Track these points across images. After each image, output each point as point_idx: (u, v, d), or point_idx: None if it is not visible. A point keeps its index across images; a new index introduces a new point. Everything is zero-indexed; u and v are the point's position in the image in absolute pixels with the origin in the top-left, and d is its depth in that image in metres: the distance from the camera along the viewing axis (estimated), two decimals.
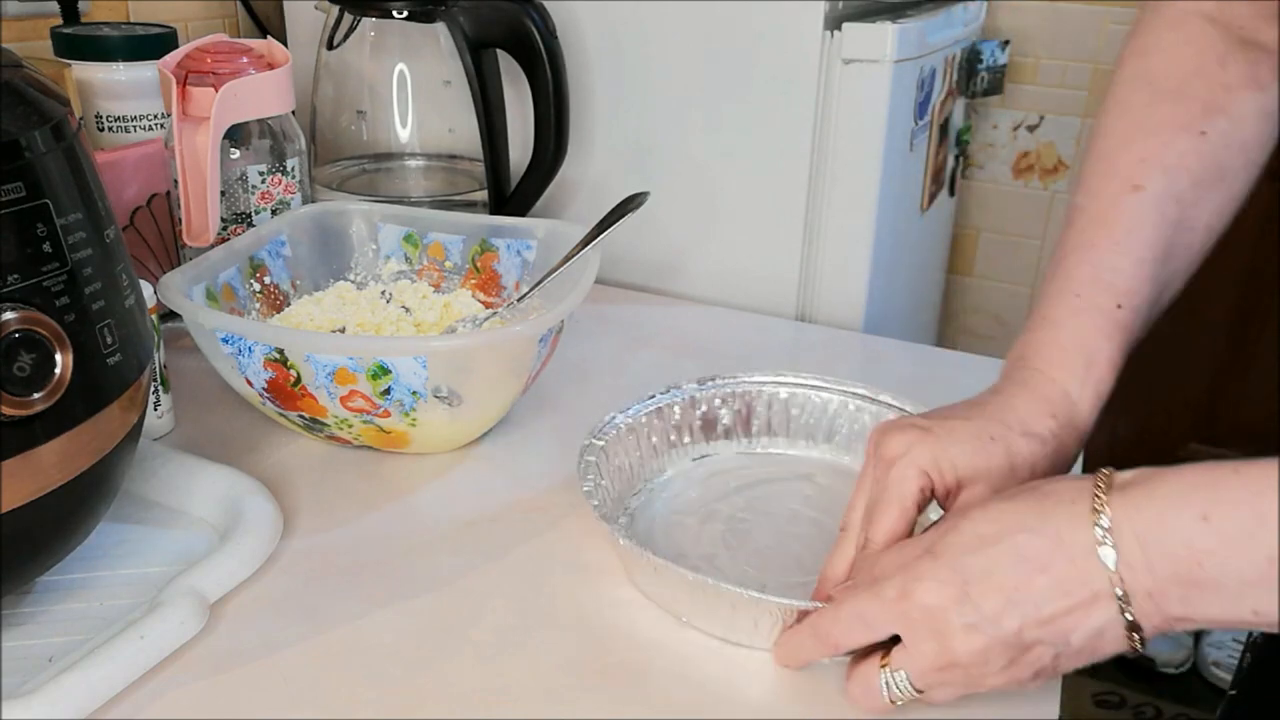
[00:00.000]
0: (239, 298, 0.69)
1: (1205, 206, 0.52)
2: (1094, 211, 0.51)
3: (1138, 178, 0.51)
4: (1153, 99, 0.52)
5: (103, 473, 0.46)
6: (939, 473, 0.46)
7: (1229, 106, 0.51)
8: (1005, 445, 0.47)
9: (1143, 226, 0.50)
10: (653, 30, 0.91)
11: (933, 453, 0.46)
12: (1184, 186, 0.51)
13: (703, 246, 0.96)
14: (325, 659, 0.48)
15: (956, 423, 0.47)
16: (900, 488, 0.47)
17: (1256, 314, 1.54)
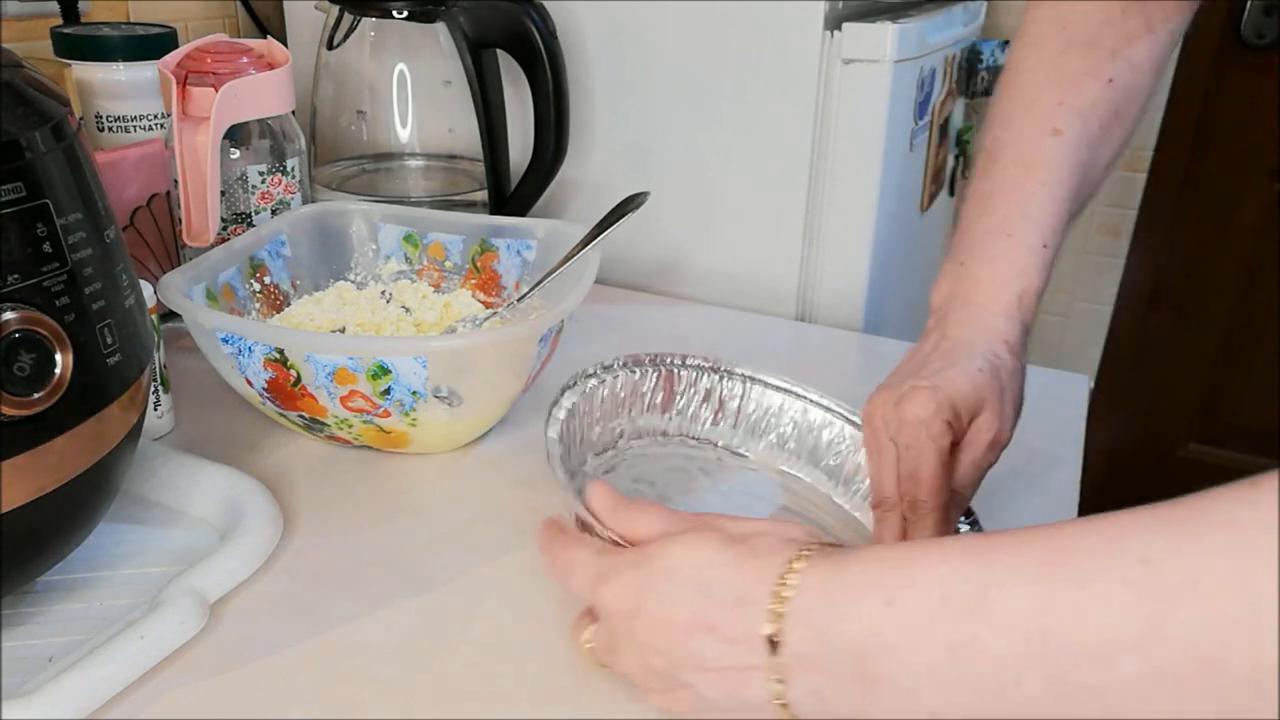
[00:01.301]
0: (239, 298, 0.69)
1: (1106, 147, 0.56)
2: (1018, 152, 0.55)
3: (1057, 121, 0.54)
4: (1068, 45, 0.56)
5: (103, 473, 0.46)
6: (958, 418, 0.49)
7: (1129, 54, 0.56)
8: (991, 369, 0.51)
9: (1061, 168, 0.54)
10: (653, 30, 0.91)
11: (950, 403, 0.49)
12: (1094, 130, 0.55)
13: (703, 246, 0.96)
14: (325, 659, 0.48)
15: (949, 372, 0.50)
16: (939, 443, 0.49)
17: (1256, 314, 1.54)
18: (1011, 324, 0.53)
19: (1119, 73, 0.55)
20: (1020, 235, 0.53)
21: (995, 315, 0.52)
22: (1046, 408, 0.59)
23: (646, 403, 0.62)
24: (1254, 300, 1.54)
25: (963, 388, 0.50)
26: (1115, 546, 0.30)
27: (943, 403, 0.49)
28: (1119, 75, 0.55)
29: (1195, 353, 1.60)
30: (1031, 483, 0.63)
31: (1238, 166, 1.47)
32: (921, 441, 0.49)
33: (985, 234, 0.54)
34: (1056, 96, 0.55)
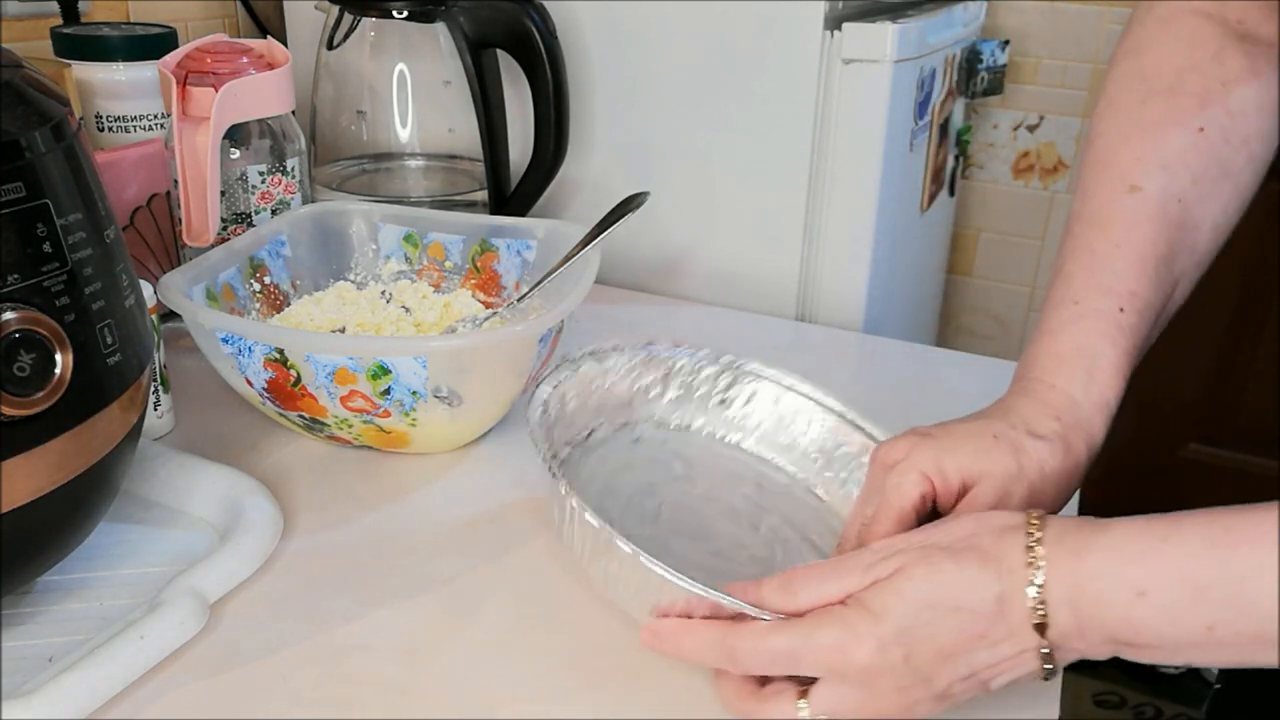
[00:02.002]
0: (239, 298, 0.69)
1: (1210, 204, 0.50)
2: (1089, 215, 0.50)
3: (1134, 177, 0.50)
4: (1146, 96, 0.51)
5: (103, 473, 0.46)
6: (941, 476, 0.45)
7: (1227, 101, 0.50)
8: (1011, 444, 0.45)
9: (1141, 226, 0.49)
10: (653, 30, 0.91)
11: (934, 456, 0.45)
12: (1184, 184, 0.49)
13: (703, 246, 0.96)
14: (325, 659, 0.48)
15: (957, 425, 0.47)
16: (899, 493, 0.46)
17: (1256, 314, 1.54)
18: (1072, 402, 0.47)
19: (1213, 120, 0.50)
20: (1087, 302, 0.48)
21: (1052, 389, 0.47)
22: None
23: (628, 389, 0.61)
24: (1254, 300, 1.54)
25: (961, 449, 0.45)
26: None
27: (926, 453, 0.45)
28: (1213, 123, 0.50)
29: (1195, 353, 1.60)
30: None
31: None
32: (886, 487, 0.46)
33: (1052, 307, 0.49)
34: (1134, 152, 0.50)
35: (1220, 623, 0.35)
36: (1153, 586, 0.36)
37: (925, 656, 0.39)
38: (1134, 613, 0.36)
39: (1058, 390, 0.47)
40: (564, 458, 0.57)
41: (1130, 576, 0.36)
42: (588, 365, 0.58)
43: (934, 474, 0.45)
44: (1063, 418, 0.47)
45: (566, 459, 0.57)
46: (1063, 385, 0.47)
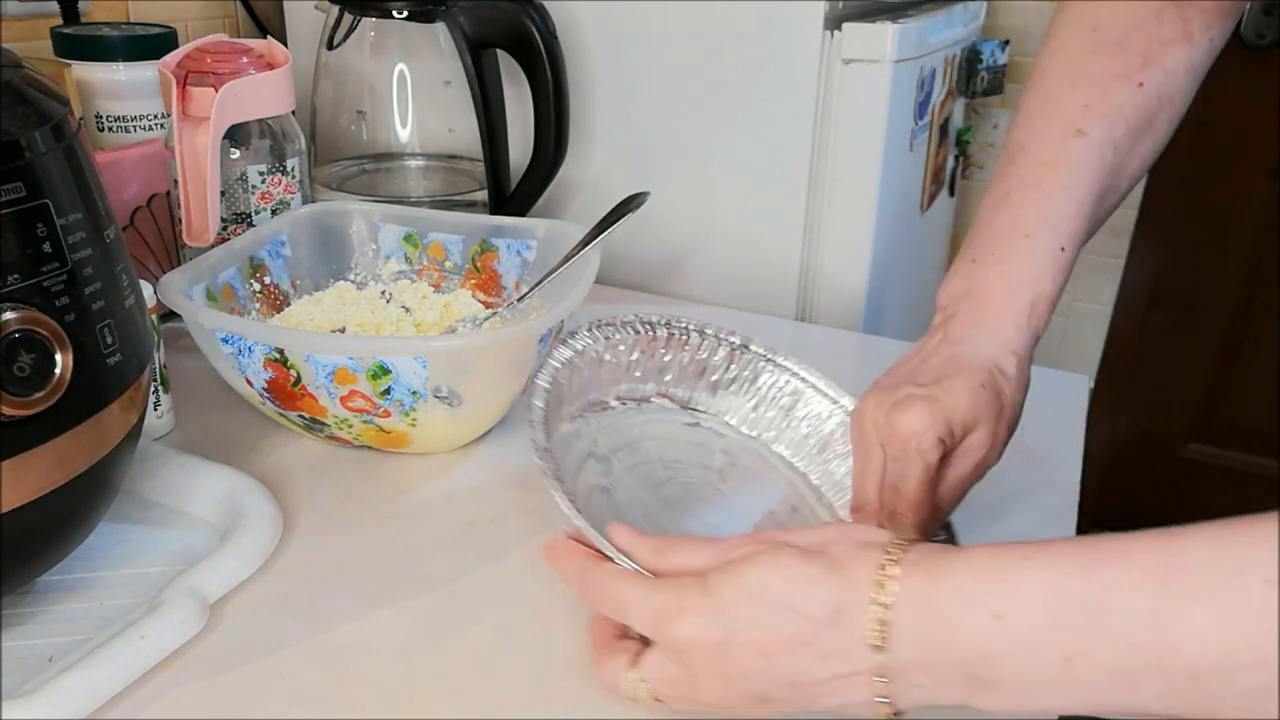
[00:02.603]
0: (239, 298, 0.69)
1: (1136, 154, 0.54)
2: (1039, 153, 0.53)
3: (1081, 123, 0.53)
4: (1096, 48, 0.54)
5: (103, 473, 0.46)
6: (950, 435, 0.48)
7: (1163, 60, 0.54)
8: (994, 389, 0.49)
9: (1084, 171, 0.52)
10: (653, 30, 0.91)
11: (945, 418, 0.47)
12: (1120, 134, 0.53)
13: (703, 246, 0.96)
14: (325, 659, 0.48)
15: (950, 383, 0.48)
16: (926, 459, 0.47)
17: (1256, 314, 1.54)
18: (1021, 333, 0.51)
19: (1150, 78, 0.53)
20: (1037, 237, 0.51)
21: (1004, 321, 0.51)
22: (1046, 408, 0.59)
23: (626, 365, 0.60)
24: (1254, 300, 1.54)
25: (960, 402, 0.48)
26: (1239, 565, 0.30)
27: (938, 416, 0.47)
28: (1150, 80, 0.53)
29: (1195, 353, 1.60)
30: (1031, 482, 0.63)
31: (1238, 166, 1.46)
32: (910, 454, 0.47)
33: (1001, 233, 0.52)
34: (1082, 98, 0.53)
35: (1077, 653, 0.32)
36: (1010, 608, 0.34)
37: (743, 647, 0.38)
38: (989, 640, 0.34)
39: (1007, 322, 0.51)
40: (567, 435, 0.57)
41: (986, 597, 0.34)
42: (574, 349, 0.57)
43: (945, 436, 0.48)
44: (1017, 352, 0.50)
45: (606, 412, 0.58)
46: (1010, 316, 0.51)
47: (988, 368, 0.49)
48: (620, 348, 0.59)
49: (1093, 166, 0.52)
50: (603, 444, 0.57)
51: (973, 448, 0.49)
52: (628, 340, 0.59)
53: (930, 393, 0.48)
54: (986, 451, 0.49)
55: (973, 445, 0.49)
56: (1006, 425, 0.50)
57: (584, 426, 0.57)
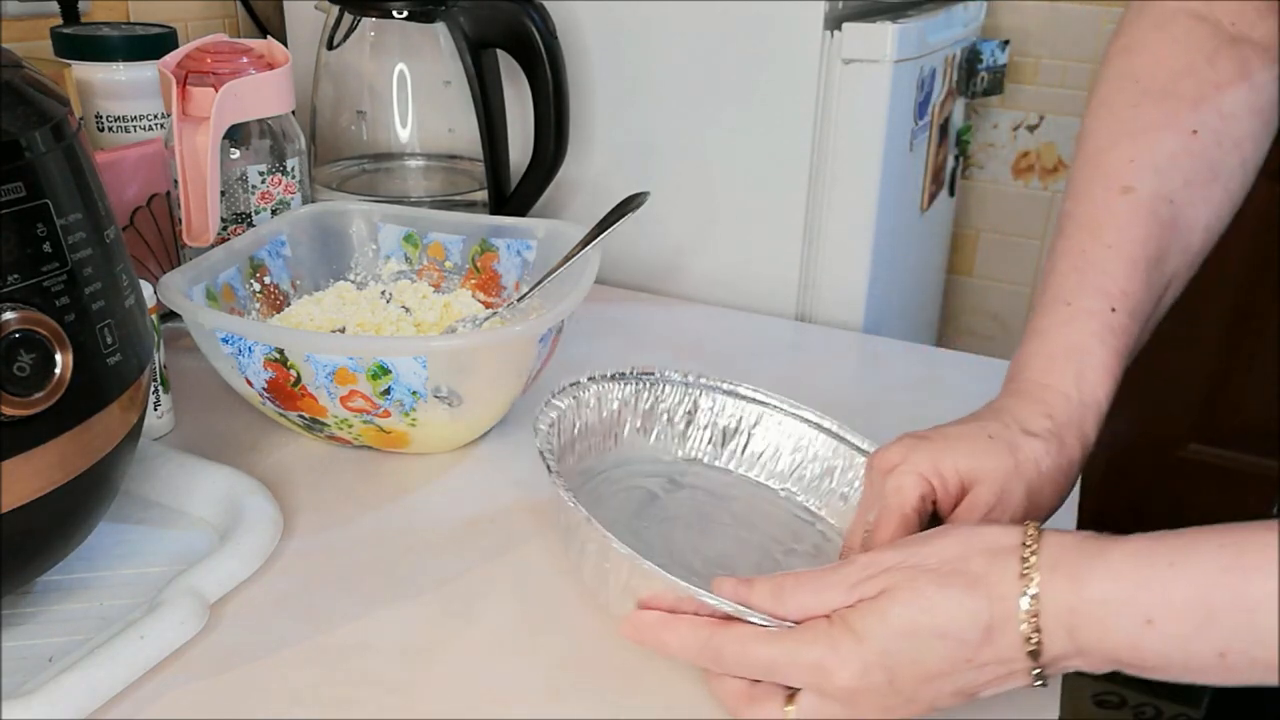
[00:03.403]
0: (239, 298, 0.69)
1: (1201, 206, 0.51)
2: (1082, 216, 0.50)
3: (1127, 178, 0.50)
4: (1139, 98, 0.51)
5: (103, 473, 0.46)
6: (940, 479, 0.46)
7: (1219, 103, 0.50)
8: (1006, 443, 0.46)
9: (1134, 227, 0.49)
10: (653, 30, 0.91)
11: (931, 458, 0.45)
12: (1176, 186, 0.50)
13: (703, 246, 0.96)
14: (325, 659, 0.48)
15: (951, 427, 0.47)
16: (899, 497, 0.46)
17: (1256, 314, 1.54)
18: (1067, 399, 0.47)
19: (1205, 123, 0.50)
20: (1079, 303, 0.48)
21: (1044, 388, 0.47)
22: None
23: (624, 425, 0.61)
24: (1254, 300, 1.54)
25: (956, 448, 0.45)
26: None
27: (924, 455, 0.45)
28: (1205, 126, 0.50)
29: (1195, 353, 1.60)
30: None
31: None
32: (887, 492, 0.46)
33: (1043, 307, 0.50)
34: (1127, 154, 0.50)
35: (1233, 650, 0.34)
36: (1160, 615, 0.35)
37: (909, 679, 0.39)
38: (1142, 641, 0.35)
39: (1050, 389, 0.47)
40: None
41: (1137, 604, 0.35)
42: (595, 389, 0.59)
43: (932, 475, 0.46)
44: (1055, 415, 0.47)
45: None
46: (1055, 383, 0.48)
47: (1007, 423, 0.46)
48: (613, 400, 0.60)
49: (1142, 222, 0.49)
50: None
51: (976, 504, 0.45)
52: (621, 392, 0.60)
53: (926, 435, 0.47)
54: (993, 507, 0.45)
55: (976, 501, 0.45)
56: (1025, 485, 0.46)
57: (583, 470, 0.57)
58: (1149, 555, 0.36)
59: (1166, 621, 0.35)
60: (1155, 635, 0.35)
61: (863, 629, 0.39)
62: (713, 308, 0.93)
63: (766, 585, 0.42)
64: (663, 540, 0.55)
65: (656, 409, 0.62)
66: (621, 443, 0.61)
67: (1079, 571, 0.37)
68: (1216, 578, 0.34)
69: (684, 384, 0.62)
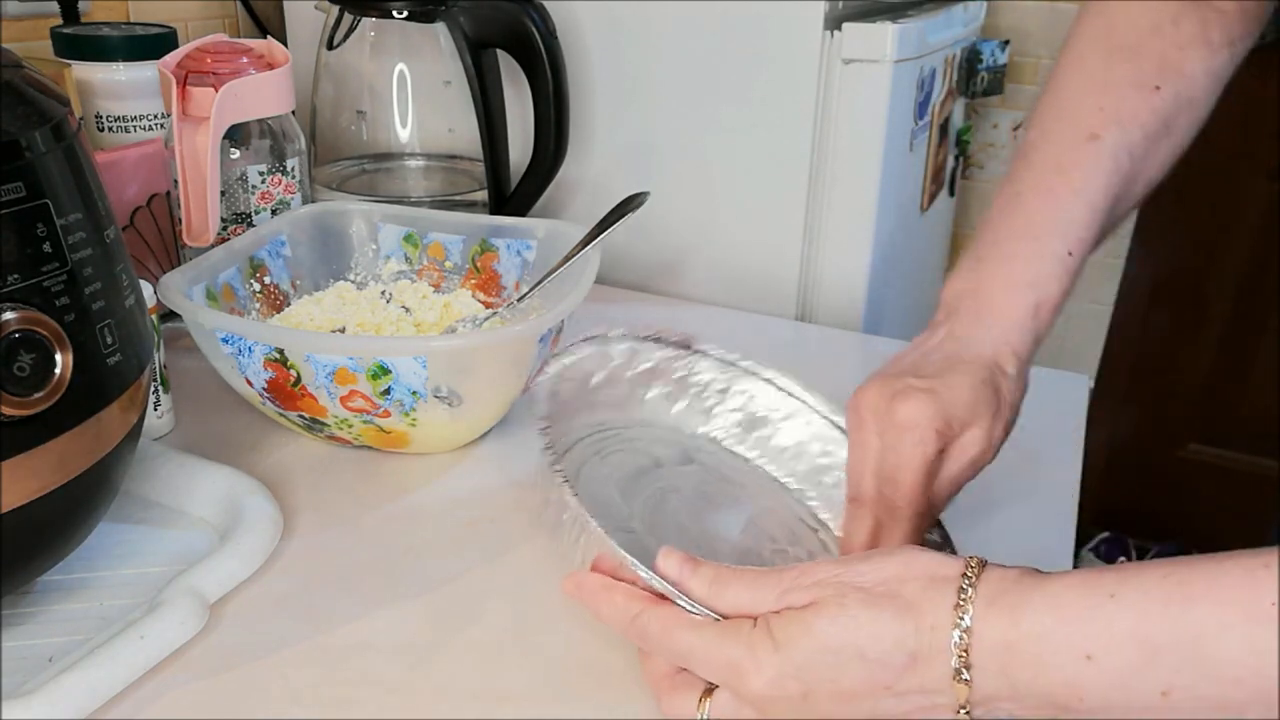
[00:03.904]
0: (239, 298, 0.69)
1: (1152, 160, 0.54)
2: (1051, 156, 0.53)
3: (1095, 127, 0.52)
4: (1110, 54, 0.54)
5: (103, 473, 0.46)
6: (948, 429, 0.47)
7: (1181, 65, 0.53)
8: (993, 386, 0.49)
9: (1098, 176, 0.51)
10: (653, 30, 0.91)
11: (943, 413, 0.47)
12: (1136, 139, 0.52)
13: (703, 246, 0.96)
14: (325, 659, 0.48)
15: (951, 377, 0.48)
16: (923, 450, 0.47)
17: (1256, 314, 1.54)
18: (1024, 334, 0.50)
19: (1167, 82, 0.53)
20: (1045, 239, 0.51)
21: (1008, 321, 0.50)
22: (1046, 408, 0.59)
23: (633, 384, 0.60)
24: (1254, 300, 1.54)
25: (961, 397, 0.48)
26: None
27: (937, 410, 0.47)
28: (1167, 84, 0.53)
29: (1195, 353, 1.60)
30: (1031, 482, 0.63)
31: (1238, 167, 1.46)
32: (907, 446, 0.47)
33: (1009, 234, 0.52)
34: (1096, 102, 0.53)
35: (1177, 687, 0.33)
36: (1100, 649, 0.33)
37: (824, 695, 0.38)
38: (1079, 677, 0.34)
39: (1011, 323, 0.50)
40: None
41: (1075, 638, 0.34)
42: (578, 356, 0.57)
43: (943, 429, 0.47)
44: (1019, 353, 0.50)
45: None
46: (1014, 317, 0.50)
47: (989, 364, 0.49)
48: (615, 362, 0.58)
49: (1106, 171, 0.52)
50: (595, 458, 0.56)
51: (968, 445, 0.48)
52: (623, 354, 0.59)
53: (931, 385, 0.48)
54: (982, 449, 0.49)
55: (969, 442, 0.48)
56: (1003, 425, 0.50)
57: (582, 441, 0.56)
58: (1090, 587, 0.35)
59: (1107, 656, 0.33)
60: (1094, 672, 0.34)
61: (783, 637, 0.38)
62: (713, 308, 0.93)
63: (708, 572, 0.42)
64: (648, 507, 0.54)
65: (688, 381, 0.61)
66: (643, 405, 0.60)
67: (1016, 603, 0.36)
68: (1159, 608, 0.33)
69: (722, 362, 0.61)
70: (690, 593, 0.42)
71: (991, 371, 0.49)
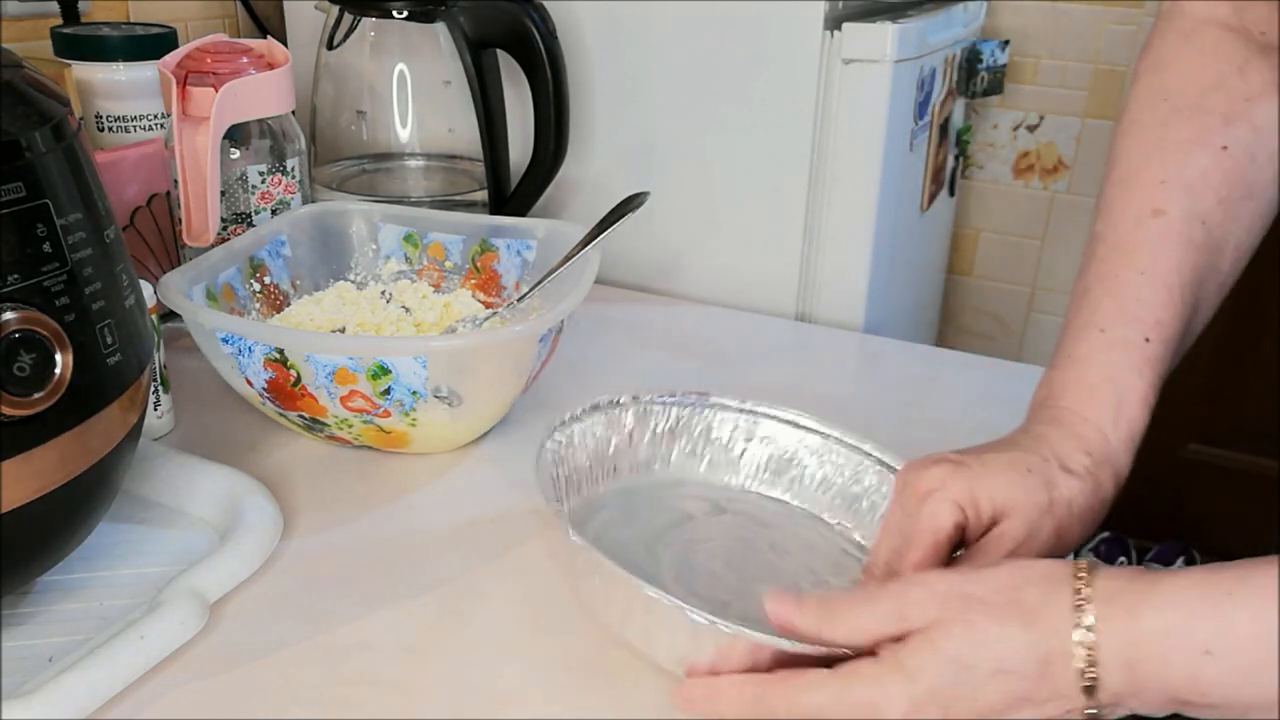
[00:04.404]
0: (239, 298, 0.69)
1: (1234, 225, 0.49)
2: (1114, 239, 0.49)
3: (1158, 201, 0.48)
4: (1169, 116, 0.50)
5: (103, 473, 0.46)
6: (974, 507, 0.44)
7: (1251, 117, 0.49)
8: (1044, 478, 0.44)
9: (1167, 252, 0.48)
10: (653, 30, 0.91)
11: (969, 486, 0.44)
12: (1209, 205, 0.48)
13: (703, 246, 0.96)
14: (325, 659, 0.48)
15: (991, 455, 0.45)
16: (934, 522, 0.44)
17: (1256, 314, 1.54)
18: (1102, 435, 0.46)
19: (1237, 138, 0.48)
20: (1114, 331, 0.47)
21: (1083, 421, 0.46)
22: None
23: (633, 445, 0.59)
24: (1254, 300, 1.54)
25: (995, 479, 0.44)
26: None
27: (959, 482, 0.44)
28: (1237, 141, 0.48)
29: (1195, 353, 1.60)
30: None
31: None
32: (919, 514, 0.45)
33: (1077, 332, 0.48)
34: (1157, 174, 0.49)
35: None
36: (1220, 645, 0.34)
37: (964, 714, 0.37)
38: (1200, 671, 0.34)
39: (1088, 423, 0.46)
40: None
41: (1194, 634, 0.34)
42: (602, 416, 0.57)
43: (967, 504, 0.44)
44: (1093, 453, 0.46)
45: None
46: (1093, 418, 0.46)
47: (1044, 456, 0.45)
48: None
49: (1176, 246, 0.48)
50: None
51: (1004, 538, 0.44)
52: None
53: (963, 459, 0.45)
54: (1020, 544, 0.44)
55: (1004, 535, 0.44)
56: (1054, 526, 0.45)
57: None
58: (1204, 586, 0.35)
59: (1227, 653, 0.34)
60: (1215, 668, 0.34)
61: (914, 665, 0.37)
62: (713, 308, 0.93)
63: (812, 604, 0.40)
64: (677, 561, 0.53)
65: (710, 435, 0.60)
66: (671, 465, 0.60)
67: (1134, 602, 0.36)
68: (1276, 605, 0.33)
69: (739, 410, 0.60)
70: (797, 629, 0.40)
71: (1045, 463, 0.45)
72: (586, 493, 0.57)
